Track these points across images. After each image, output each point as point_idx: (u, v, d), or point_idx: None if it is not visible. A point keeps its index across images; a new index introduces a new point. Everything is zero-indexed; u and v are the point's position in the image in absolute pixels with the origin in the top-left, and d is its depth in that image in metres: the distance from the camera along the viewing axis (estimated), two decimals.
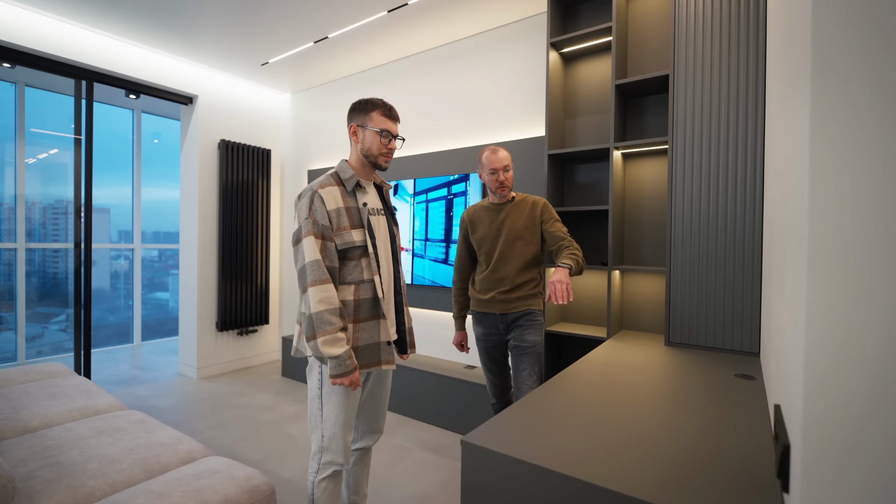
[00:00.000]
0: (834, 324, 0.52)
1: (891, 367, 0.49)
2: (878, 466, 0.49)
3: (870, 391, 0.50)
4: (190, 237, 3.89)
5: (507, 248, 1.91)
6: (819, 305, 0.53)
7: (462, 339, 2.13)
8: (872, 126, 0.50)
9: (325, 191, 1.42)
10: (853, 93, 0.51)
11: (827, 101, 0.52)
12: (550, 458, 0.91)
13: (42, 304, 4.45)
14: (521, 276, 1.91)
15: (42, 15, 2.95)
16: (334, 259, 1.39)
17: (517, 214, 1.93)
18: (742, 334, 1.79)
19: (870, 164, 0.50)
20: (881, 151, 0.49)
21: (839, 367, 0.52)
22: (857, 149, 0.51)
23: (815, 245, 0.53)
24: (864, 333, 0.50)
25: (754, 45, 1.76)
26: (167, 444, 1.60)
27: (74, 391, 2.14)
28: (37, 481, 1.33)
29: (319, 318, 1.31)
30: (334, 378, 1.32)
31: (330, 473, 1.44)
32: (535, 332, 1.91)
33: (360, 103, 1.51)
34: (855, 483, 0.51)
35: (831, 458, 0.52)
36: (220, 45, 3.36)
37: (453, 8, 2.74)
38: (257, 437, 2.66)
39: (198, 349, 3.82)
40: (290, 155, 4.40)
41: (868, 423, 0.50)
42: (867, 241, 0.50)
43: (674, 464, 0.90)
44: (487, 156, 1.92)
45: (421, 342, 3.37)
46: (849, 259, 0.51)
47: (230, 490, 1.32)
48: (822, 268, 0.53)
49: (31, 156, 4.25)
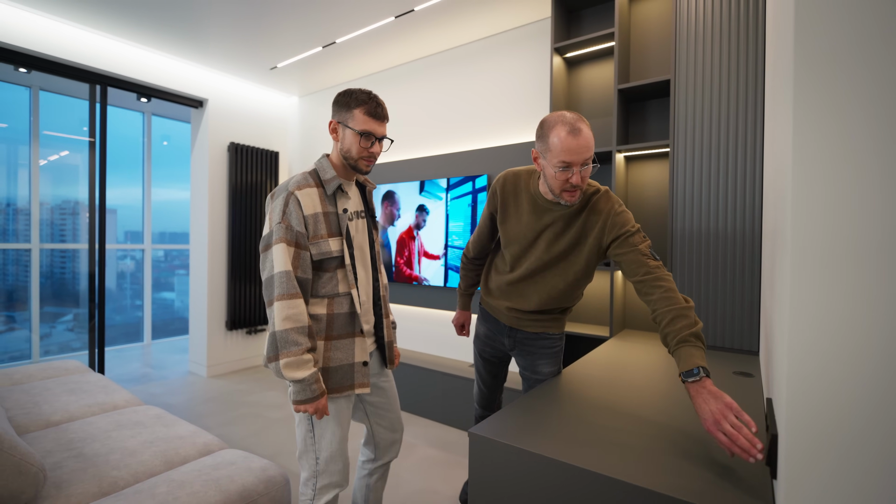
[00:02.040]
0: (814, 323, 0.56)
1: (865, 364, 0.53)
2: (853, 454, 0.54)
3: (846, 386, 0.54)
4: (200, 238, 3.97)
5: (543, 268, 1.42)
6: (800, 305, 0.57)
7: (465, 320, 1.79)
8: (848, 134, 0.54)
9: (302, 193, 1.26)
10: (832, 104, 0.54)
11: (806, 111, 0.56)
12: (554, 449, 0.97)
13: (49, 304, 4.53)
14: (549, 303, 1.46)
15: (58, 21, 3.03)
16: (308, 270, 1.24)
17: (572, 226, 1.35)
18: (742, 333, 1.84)
19: (845, 172, 0.54)
20: (855, 160, 0.53)
21: (818, 364, 0.56)
22: (833, 156, 0.55)
23: (797, 248, 0.57)
24: (841, 333, 0.55)
25: (753, 51, 1.81)
26: (185, 438, 1.66)
27: (92, 387, 2.21)
28: (63, 471, 1.39)
29: (284, 338, 1.17)
30: (297, 404, 1.18)
31: (329, 498, 1.30)
32: (552, 361, 1.54)
33: (344, 96, 1.31)
34: (832, 469, 0.55)
35: (811, 446, 0.57)
36: (231, 50, 3.43)
37: (459, 14, 2.80)
38: (267, 434, 2.72)
39: (208, 348, 3.89)
40: (298, 157, 4.47)
41: (844, 416, 0.54)
42: (844, 245, 0.54)
43: (672, 453, 0.95)
44: (562, 135, 1.19)
45: (426, 341, 3.43)
46: (828, 262, 0.55)
47: (247, 480, 1.39)
48: (804, 270, 0.57)
49: (42, 158, 4.34)
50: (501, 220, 1.48)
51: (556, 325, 1.53)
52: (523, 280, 1.46)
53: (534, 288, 1.45)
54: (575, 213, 1.34)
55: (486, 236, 1.60)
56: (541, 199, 1.37)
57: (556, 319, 1.53)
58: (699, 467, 0.90)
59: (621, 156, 2.34)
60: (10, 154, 4.21)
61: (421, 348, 3.47)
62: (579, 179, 1.21)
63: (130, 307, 5.30)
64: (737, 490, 0.81)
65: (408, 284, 3.41)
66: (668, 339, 1.09)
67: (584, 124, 1.21)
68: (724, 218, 1.87)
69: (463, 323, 1.80)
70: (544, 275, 1.42)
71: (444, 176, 3.24)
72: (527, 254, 1.43)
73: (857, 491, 0.53)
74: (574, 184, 1.22)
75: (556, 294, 1.43)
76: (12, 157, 4.22)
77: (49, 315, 4.48)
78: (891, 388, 0.52)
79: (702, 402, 0.94)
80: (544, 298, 1.45)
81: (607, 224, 1.30)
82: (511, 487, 0.99)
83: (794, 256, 0.58)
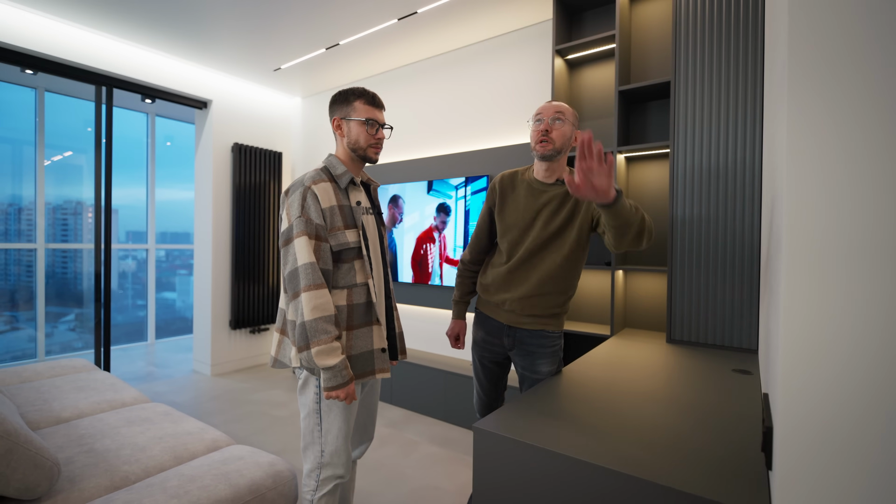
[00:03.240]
0: (808, 320, 0.58)
1: (859, 359, 0.55)
2: (847, 446, 0.56)
3: (841, 380, 0.56)
4: (204, 238, 4.00)
5: (540, 247, 1.49)
6: (795, 303, 0.59)
7: (459, 330, 1.76)
8: (843, 135, 0.55)
9: (318, 187, 1.30)
10: (826, 105, 0.56)
11: (801, 112, 0.58)
12: (557, 443, 0.99)
13: (51, 303, 4.56)
14: (547, 285, 1.50)
15: (64, 23, 3.07)
16: (328, 261, 1.29)
17: (566, 203, 1.47)
18: (741, 332, 1.86)
19: (839, 173, 0.56)
20: (850, 161, 0.55)
21: (813, 359, 0.58)
22: (827, 157, 0.56)
23: (792, 247, 0.59)
24: (835, 330, 0.57)
25: (752, 53, 1.83)
26: (193, 434, 1.69)
27: (100, 385, 2.24)
28: (76, 466, 1.42)
29: (314, 327, 1.21)
30: (329, 391, 1.23)
31: (330, 489, 1.35)
32: (550, 361, 1.55)
33: (341, 94, 1.39)
34: (826, 460, 0.57)
35: (805, 438, 0.59)
36: (235, 52, 3.46)
37: (461, 16, 2.82)
38: (272, 431, 2.75)
39: (212, 347, 3.93)
40: (301, 157, 4.50)
41: (838, 409, 0.56)
42: (838, 244, 0.56)
43: (673, 447, 0.98)
44: (541, 103, 1.59)
45: (429, 340, 3.46)
46: (823, 261, 0.57)
47: (256, 474, 1.42)
48: (799, 268, 0.59)
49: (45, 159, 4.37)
50: (500, 210, 1.57)
51: (554, 322, 1.54)
52: (522, 264, 1.52)
53: (532, 270, 1.51)
54: (567, 192, 1.47)
55: (484, 235, 1.65)
56: (536, 183, 1.52)
57: (554, 315, 1.54)
58: (698, 460, 0.92)
59: (622, 156, 2.36)
60: (15, 155, 4.24)
61: (423, 347, 3.50)
62: (547, 126, 1.46)
63: (132, 307, 5.33)
64: (734, 480, 0.84)
65: (423, 285, 3.42)
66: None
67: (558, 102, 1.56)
68: (723, 218, 1.90)
69: (458, 334, 1.77)
70: (542, 255, 1.50)
71: (445, 176, 3.26)
72: (525, 236, 1.51)
73: (850, 481, 0.55)
74: (545, 130, 1.46)
75: (554, 270, 1.48)
76: (17, 158, 4.25)
77: (51, 315, 4.51)
78: (883, 383, 0.54)
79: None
80: (543, 278, 1.49)
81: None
82: (515, 481, 1.02)
83: (790, 255, 0.59)
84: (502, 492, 1.04)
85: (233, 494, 1.33)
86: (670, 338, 2.01)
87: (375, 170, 3.75)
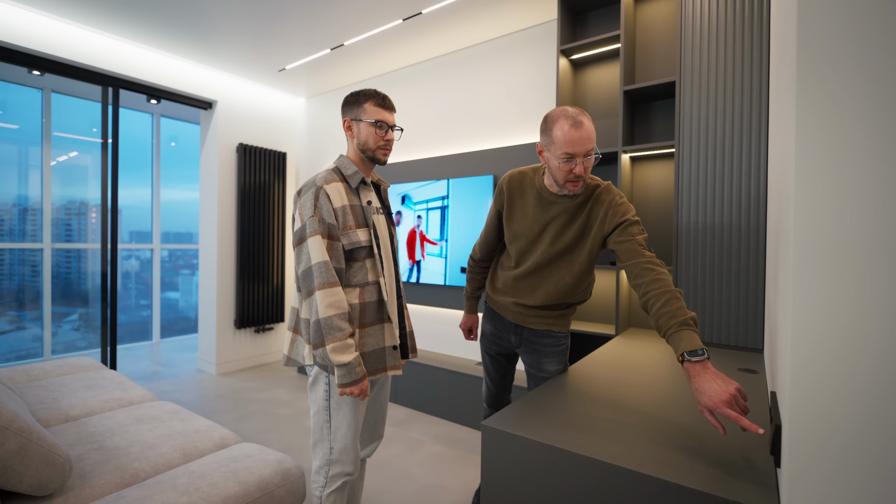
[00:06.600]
0: (816, 318, 0.59)
1: (867, 358, 0.55)
2: (856, 444, 0.56)
3: (849, 379, 0.57)
4: (209, 238, 4.02)
5: (549, 261, 1.45)
6: (803, 301, 0.59)
7: (472, 323, 1.81)
8: (850, 134, 0.56)
9: (330, 187, 1.32)
10: (834, 104, 0.57)
11: (808, 112, 0.58)
12: (564, 440, 1.00)
13: (55, 303, 4.58)
14: (554, 298, 1.48)
15: (71, 25, 3.09)
16: (341, 260, 1.31)
17: (576, 218, 1.40)
18: (746, 331, 1.87)
19: (847, 171, 0.56)
20: (857, 159, 0.56)
21: (821, 357, 0.58)
22: (835, 156, 0.57)
23: (800, 246, 0.60)
24: (843, 328, 0.57)
25: (758, 52, 1.84)
26: (201, 432, 1.71)
27: (108, 383, 2.26)
28: (86, 462, 1.44)
29: (329, 324, 1.23)
30: (343, 387, 1.24)
31: (339, 485, 1.38)
32: (558, 359, 1.56)
33: (352, 96, 1.41)
34: (835, 458, 0.57)
35: (814, 436, 0.59)
36: (240, 52, 3.48)
37: (466, 16, 2.83)
38: (278, 430, 2.77)
39: (217, 346, 3.95)
40: (305, 158, 4.52)
41: (847, 407, 0.57)
42: (846, 243, 0.56)
43: (679, 444, 0.99)
44: (565, 129, 1.24)
45: (435, 340, 3.47)
46: (830, 259, 0.58)
47: (264, 472, 1.43)
48: (806, 267, 0.59)
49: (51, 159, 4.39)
50: (508, 215, 1.51)
51: (560, 322, 1.55)
52: (529, 275, 1.49)
53: (540, 282, 1.48)
54: (579, 205, 1.39)
55: (493, 235, 1.62)
56: (546, 192, 1.42)
57: (561, 316, 1.54)
58: (706, 458, 0.93)
59: (627, 156, 2.37)
60: (21, 155, 4.27)
61: (429, 347, 3.51)
62: (582, 170, 1.26)
63: (135, 307, 5.36)
64: (743, 478, 0.85)
65: (423, 285, 3.44)
66: (663, 318, 1.09)
67: (586, 118, 1.27)
68: (728, 217, 1.90)
69: (470, 327, 1.82)
70: (550, 269, 1.46)
71: (447, 177, 3.27)
72: (532, 248, 1.47)
73: (859, 479, 0.56)
74: (577, 174, 1.27)
75: (563, 287, 1.46)
76: (24, 158, 4.28)
77: (55, 315, 4.54)
78: (892, 380, 0.54)
79: (705, 380, 0.95)
80: (551, 293, 1.47)
81: (609, 212, 1.35)
82: (522, 477, 1.03)
83: (797, 254, 0.60)
84: (510, 487, 1.04)
85: (242, 491, 1.34)
86: None
87: (382, 170, 3.76)
